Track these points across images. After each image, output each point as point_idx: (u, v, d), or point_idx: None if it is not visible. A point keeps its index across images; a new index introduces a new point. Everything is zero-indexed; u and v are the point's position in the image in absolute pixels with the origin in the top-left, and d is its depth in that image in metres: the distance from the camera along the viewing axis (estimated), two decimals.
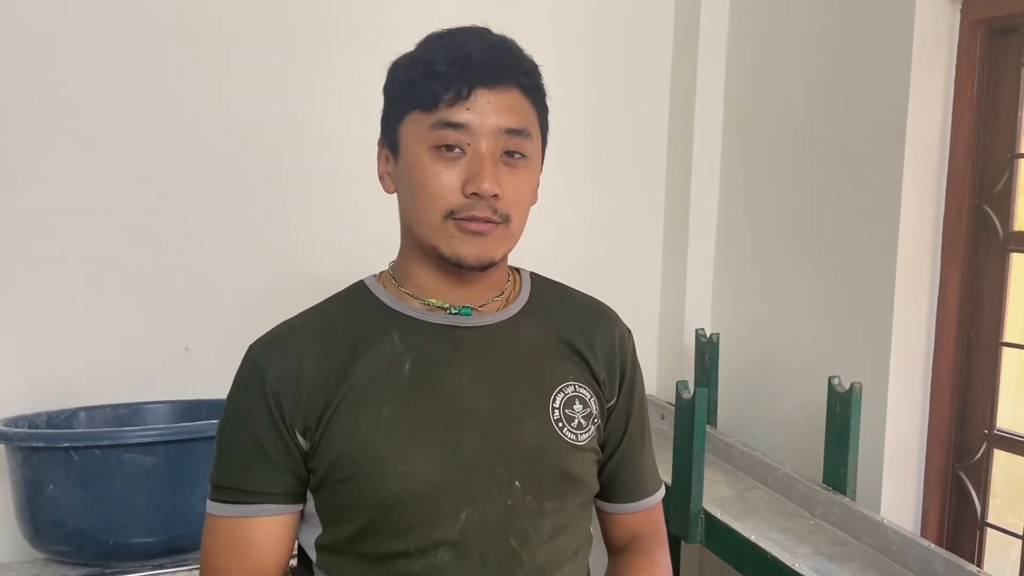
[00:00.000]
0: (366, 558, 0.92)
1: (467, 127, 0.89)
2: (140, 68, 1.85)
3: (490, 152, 0.90)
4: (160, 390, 1.85)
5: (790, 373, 2.07)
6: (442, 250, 0.91)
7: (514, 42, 0.95)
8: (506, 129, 0.90)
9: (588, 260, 2.33)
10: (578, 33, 2.27)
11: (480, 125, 0.89)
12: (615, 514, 1.09)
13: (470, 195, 0.89)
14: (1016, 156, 1.71)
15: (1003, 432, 1.75)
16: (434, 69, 0.88)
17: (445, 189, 0.89)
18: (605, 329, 1.05)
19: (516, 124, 0.91)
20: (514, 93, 0.92)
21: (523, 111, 0.93)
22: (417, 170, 0.90)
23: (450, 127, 0.88)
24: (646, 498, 1.09)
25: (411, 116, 0.91)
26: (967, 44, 1.75)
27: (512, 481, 0.92)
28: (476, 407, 0.93)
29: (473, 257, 0.91)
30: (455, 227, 0.90)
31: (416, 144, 0.90)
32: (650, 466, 1.10)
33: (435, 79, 0.88)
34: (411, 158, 0.91)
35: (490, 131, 0.89)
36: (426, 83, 0.88)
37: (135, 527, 1.49)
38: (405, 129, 0.92)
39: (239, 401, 0.94)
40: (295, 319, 0.98)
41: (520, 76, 0.92)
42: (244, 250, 1.96)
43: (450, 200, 0.89)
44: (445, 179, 0.89)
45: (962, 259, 1.78)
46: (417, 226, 0.93)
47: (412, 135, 0.91)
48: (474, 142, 0.89)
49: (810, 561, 1.53)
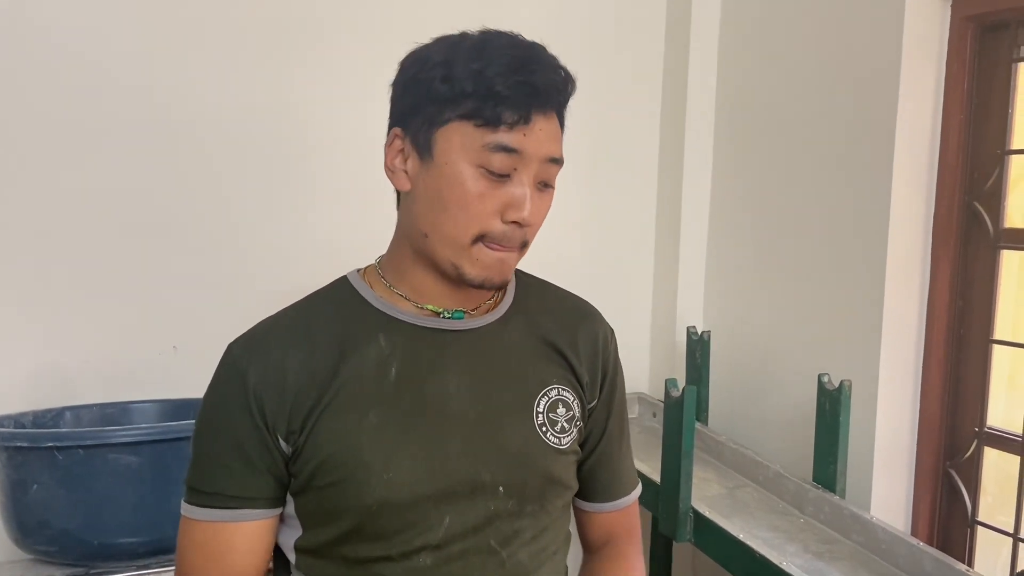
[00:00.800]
0: (347, 561, 0.91)
1: (521, 154, 0.86)
2: (132, 67, 1.84)
3: (532, 180, 0.88)
4: (148, 389, 1.83)
5: (781, 371, 2.07)
6: (464, 270, 0.89)
7: (558, 60, 0.91)
8: (550, 158, 0.89)
9: (581, 258, 2.32)
10: (570, 30, 2.26)
11: (533, 153, 0.87)
12: (592, 512, 1.08)
13: (510, 223, 0.87)
14: (1006, 153, 1.71)
15: (993, 430, 1.75)
16: (497, 89, 0.84)
17: (485, 212, 0.87)
18: (589, 330, 1.04)
19: (558, 153, 0.90)
20: (555, 119, 0.90)
21: (560, 137, 0.91)
22: (458, 185, 0.86)
23: (505, 151, 0.85)
24: (622, 497, 1.08)
25: (458, 125, 0.86)
26: (957, 40, 1.74)
27: (496, 487, 0.91)
28: (461, 412, 0.92)
29: (500, 280, 0.91)
30: (482, 250, 0.88)
31: (460, 157, 0.86)
32: (627, 465, 1.10)
33: (499, 101, 0.84)
34: (452, 170, 0.86)
35: (539, 159, 0.87)
36: (489, 102, 0.84)
37: (121, 527, 1.48)
38: (446, 135, 0.87)
39: (218, 403, 0.91)
40: (276, 317, 0.96)
41: (564, 102, 0.91)
42: (233, 248, 1.95)
43: (486, 224, 0.87)
44: (488, 202, 0.86)
45: (952, 256, 1.78)
46: (438, 239, 0.89)
47: (457, 146, 0.86)
48: (522, 168, 0.87)
49: (799, 560, 1.52)
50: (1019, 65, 1.70)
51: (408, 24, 0.99)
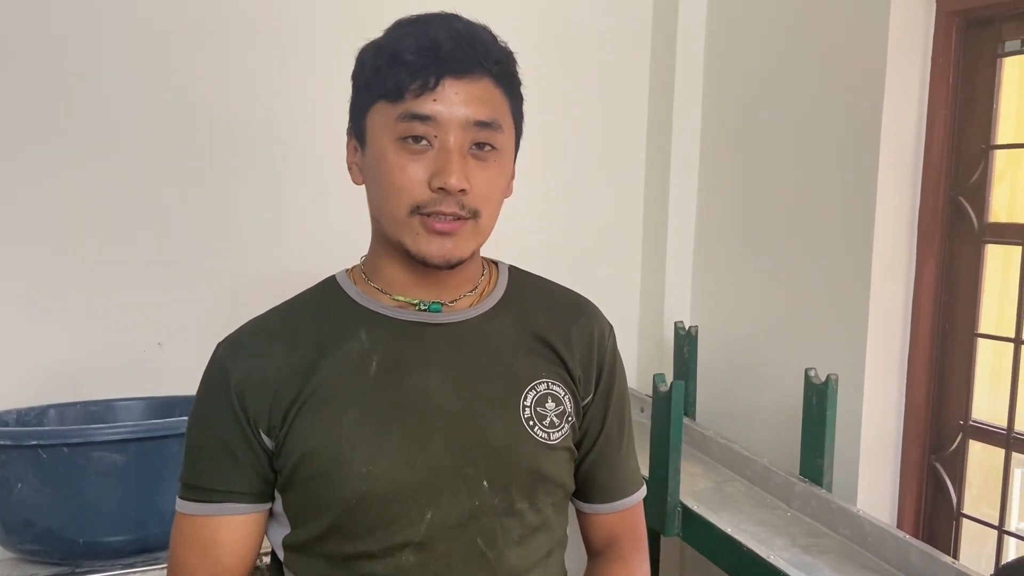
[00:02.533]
0: (331, 558, 0.90)
1: (434, 119, 0.85)
2: (121, 68, 1.82)
3: (458, 145, 0.86)
4: (134, 387, 1.82)
5: (768, 365, 2.08)
6: (407, 246, 0.89)
7: (486, 29, 0.91)
8: (475, 121, 0.86)
9: (568, 254, 2.32)
10: (558, 27, 2.26)
11: (448, 117, 0.85)
12: (592, 514, 1.06)
13: (436, 190, 0.86)
14: (991, 147, 1.72)
15: (978, 423, 1.76)
16: (401, 58, 0.84)
17: (411, 183, 0.86)
18: (583, 325, 1.02)
19: (486, 116, 0.87)
20: (484, 83, 0.88)
21: (494, 102, 0.89)
22: (383, 162, 0.87)
23: (416, 119, 0.85)
24: (623, 499, 1.06)
25: (377, 106, 0.87)
26: (942, 36, 1.75)
27: (480, 481, 0.90)
28: (444, 406, 0.91)
29: (439, 257, 0.88)
30: (420, 224, 0.87)
31: (382, 135, 0.87)
32: (629, 466, 1.07)
33: (401, 68, 0.84)
34: (377, 149, 0.88)
35: (458, 123, 0.85)
36: (392, 72, 0.85)
37: (106, 526, 1.47)
38: (371, 119, 0.89)
39: (205, 401, 0.93)
40: (263, 316, 0.96)
41: (491, 65, 0.88)
42: (218, 245, 1.94)
43: (416, 194, 0.86)
44: (411, 172, 0.86)
45: (937, 251, 1.79)
46: (384, 220, 0.90)
47: (378, 126, 0.88)
48: (441, 134, 0.85)
49: (786, 553, 1.53)
50: (1003, 60, 1.71)
51: (397, 15, 0.98)
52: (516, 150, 0.98)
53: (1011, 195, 1.75)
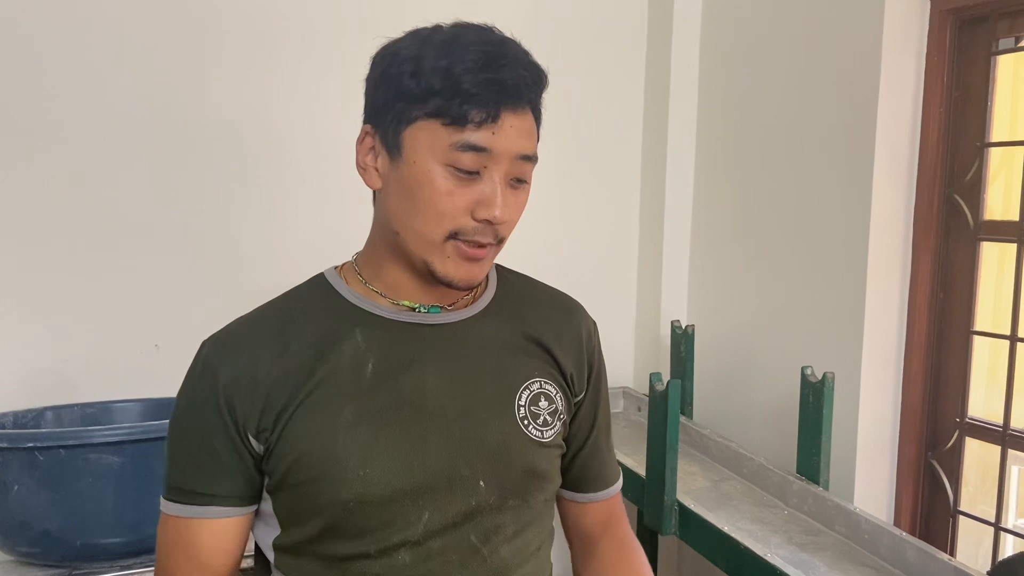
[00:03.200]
0: (325, 559, 0.90)
1: (490, 152, 0.85)
2: (115, 73, 1.82)
3: (503, 177, 0.86)
4: (131, 388, 1.82)
5: (765, 364, 2.08)
6: (434, 268, 0.89)
7: (533, 57, 0.90)
8: (522, 155, 0.87)
9: (566, 255, 2.33)
10: (553, 28, 2.26)
11: (502, 151, 0.85)
12: (586, 503, 1.09)
13: (481, 220, 0.86)
14: (986, 145, 1.72)
15: (974, 420, 1.77)
16: (464, 87, 0.82)
17: (456, 210, 0.85)
18: (573, 324, 1.04)
19: (531, 150, 0.88)
20: (528, 115, 0.88)
21: (534, 134, 0.90)
22: (427, 184, 0.85)
23: (474, 150, 0.84)
24: (613, 485, 1.11)
25: (425, 124, 0.85)
26: (937, 34, 1.75)
27: (476, 481, 0.91)
28: (440, 407, 0.91)
29: (466, 281, 0.90)
30: (454, 249, 0.87)
31: (429, 156, 0.85)
32: (613, 455, 1.13)
33: (466, 99, 0.83)
34: (421, 169, 0.85)
35: (510, 157, 0.86)
36: (455, 100, 0.83)
37: (103, 527, 1.47)
38: (415, 134, 0.86)
39: (189, 401, 0.91)
40: (252, 315, 0.95)
41: (537, 98, 0.90)
42: (215, 247, 1.94)
43: (458, 222, 0.86)
44: (458, 200, 0.85)
45: (933, 249, 1.79)
46: (410, 237, 0.89)
47: (425, 145, 0.85)
48: (492, 167, 0.85)
49: (783, 551, 1.53)
50: (998, 58, 1.71)
51: (389, 22, 0.98)
52: None
53: (1006, 192, 1.75)
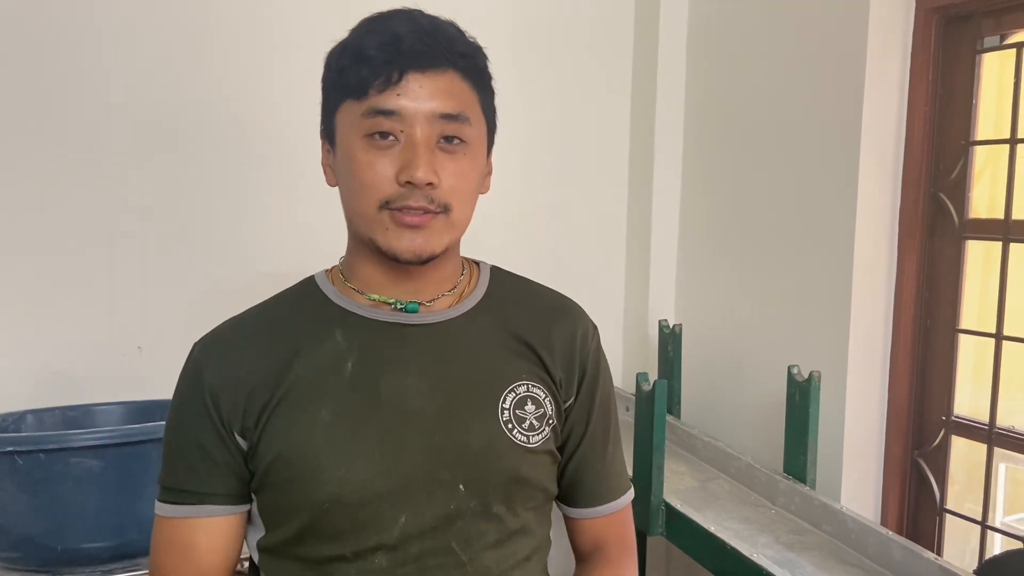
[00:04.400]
0: (303, 561, 0.90)
1: (399, 113, 0.85)
2: (102, 72, 1.81)
3: (425, 139, 0.85)
4: (113, 391, 1.80)
5: (752, 363, 2.08)
6: (378, 242, 0.88)
7: (452, 24, 0.90)
8: (441, 114, 0.86)
9: (553, 254, 2.33)
10: (540, 27, 2.25)
11: (413, 111, 0.85)
12: (578, 519, 1.04)
13: (404, 184, 0.85)
14: (970, 144, 1.72)
15: (960, 419, 1.77)
16: (363, 54, 0.85)
17: (379, 178, 0.85)
18: (565, 326, 1.00)
19: (452, 109, 0.86)
20: (450, 76, 0.87)
21: (460, 95, 0.88)
22: (351, 161, 0.87)
23: (381, 114, 0.85)
24: (608, 503, 1.04)
25: (344, 105, 0.88)
26: (922, 32, 1.75)
27: (456, 485, 0.89)
28: (420, 408, 0.90)
29: (409, 252, 0.87)
30: (390, 218, 0.86)
31: (349, 133, 0.87)
32: (616, 470, 1.05)
33: (364, 65, 0.84)
34: (346, 148, 0.88)
35: (424, 117, 0.85)
36: (355, 70, 0.85)
37: (84, 532, 1.45)
38: (340, 119, 0.89)
39: (180, 402, 0.92)
40: (240, 316, 0.96)
41: (456, 58, 0.88)
42: (198, 248, 1.92)
43: (384, 190, 0.85)
44: (379, 168, 0.85)
45: (918, 247, 1.79)
46: (355, 218, 0.90)
47: (346, 124, 0.88)
48: (407, 129, 0.85)
49: (770, 551, 1.53)
50: (982, 56, 1.71)
51: None
52: (490, 145, 0.96)
53: (991, 191, 1.75)
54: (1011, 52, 1.66)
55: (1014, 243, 1.65)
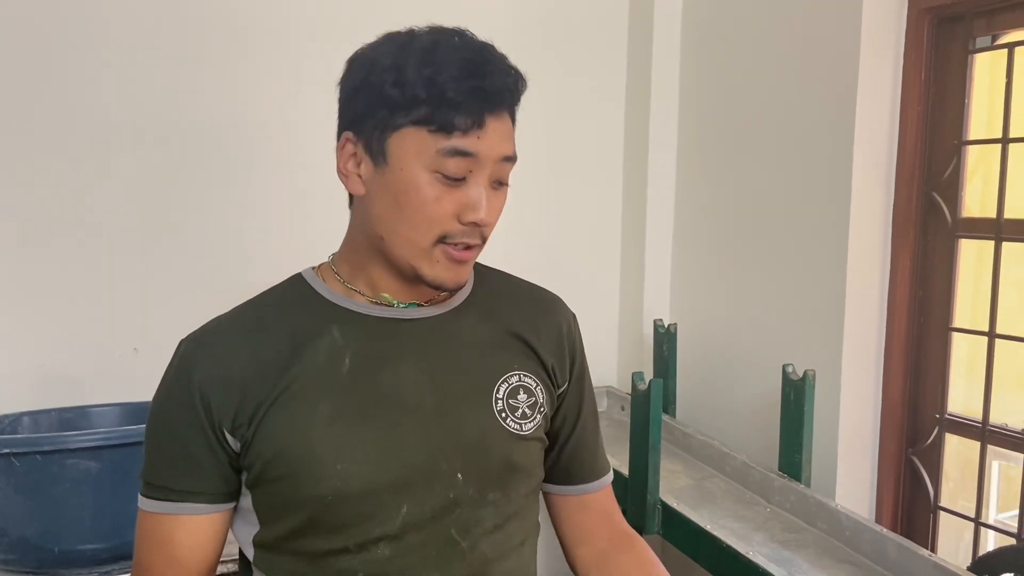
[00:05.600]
0: (304, 555, 0.90)
1: (476, 157, 0.87)
2: (98, 74, 1.81)
3: (487, 180, 0.89)
4: (110, 392, 1.80)
5: (747, 362, 2.09)
6: (422, 272, 0.90)
7: (508, 59, 0.91)
8: (504, 157, 0.89)
9: (549, 254, 2.33)
10: (535, 28, 2.26)
11: (487, 155, 0.87)
12: (581, 495, 1.08)
13: (468, 223, 0.88)
14: (963, 143, 1.73)
15: (954, 416, 1.78)
16: (449, 96, 0.84)
17: (443, 216, 0.87)
18: (552, 316, 1.05)
19: (512, 151, 0.91)
20: (507, 118, 0.90)
21: (512, 135, 0.92)
22: (415, 192, 0.87)
23: (461, 155, 0.86)
24: (605, 475, 1.10)
25: (410, 131, 0.86)
26: (914, 32, 1.76)
27: (454, 474, 0.91)
28: (417, 401, 0.92)
29: (454, 283, 0.92)
30: (443, 253, 0.89)
31: (415, 163, 0.86)
32: (602, 447, 1.12)
33: (452, 107, 0.84)
34: (408, 176, 0.87)
35: (493, 160, 0.88)
36: (441, 109, 0.84)
37: (81, 533, 1.45)
38: (400, 142, 0.87)
39: (165, 398, 0.92)
40: (229, 313, 0.96)
41: (514, 99, 0.91)
42: (194, 249, 1.93)
43: (445, 227, 0.88)
44: (446, 205, 0.87)
45: (912, 246, 1.80)
46: (397, 242, 0.90)
47: (411, 152, 0.86)
48: (477, 170, 0.87)
49: (765, 549, 1.54)
50: (974, 56, 1.72)
51: (371, 25, 0.98)
52: None
53: (983, 190, 1.76)
54: (1003, 52, 1.68)
55: (1006, 242, 1.67)
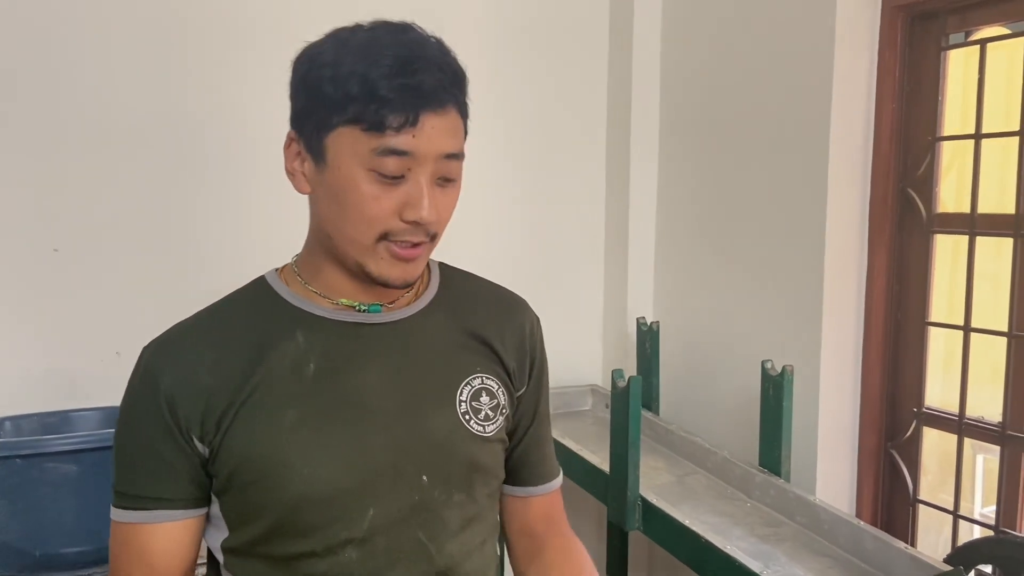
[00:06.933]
0: (272, 559, 0.90)
1: (412, 155, 0.85)
2: (64, 77, 1.81)
3: (428, 178, 0.87)
4: (92, 396, 1.81)
5: (728, 359, 2.10)
6: (369, 270, 0.89)
7: (451, 54, 0.90)
8: (446, 154, 0.87)
9: (534, 254, 2.35)
10: (516, 29, 2.27)
11: (425, 152, 0.85)
12: (527, 497, 1.09)
13: (409, 222, 0.87)
14: (937, 139, 1.75)
15: (931, 410, 1.79)
16: (380, 94, 0.82)
17: (383, 214, 0.86)
18: (515, 319, 1.05)
19: (455, 148, 0.88)
20: (452, 114, 0.88)
21: (458, 132, 0.90)
22: (352, 190, 0.86)
23: (394, 154, 0.84)
24: (554, 479, 1.11)
25: (346, 130, 0.85)
26: (888, 30, 1.78)
27: (419, 476, 0.92)
28: (382, 404, 0.92)
29: (401, 280, 0.91)
30: (386, 250, 0.88)
31: (351, 162, 0.85)
32: (553, 450, 1.13)
33: (383, 104, 0.83)
34: (344, 174, 0.86)
35: (432, 157, 0.86)
36: (372, 106, 0.83)
37: (62, 537, 1.46)
38: (337, 141, 0.86)
39: (133, 407, 0.91)
40: (191, 319, 0.95)
41: (458, 94, 0.89)
42: (176, 253, 1.93)
43: (387, 225, 0.87)
44: (384, 204, 0.86)
45: (888, 242, 1.82)
46: (342, 240, 0.90)
47: (347, 151, 0.85)
48: (415, 167, 0.86)
49: (744, 543, 1.55)
50: (948, 53, 1.74)
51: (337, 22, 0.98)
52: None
53: (957, 185, 1.78)
54: (975, 48, 1.69)
55: (980, 236, 1.68)
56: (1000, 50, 1.68)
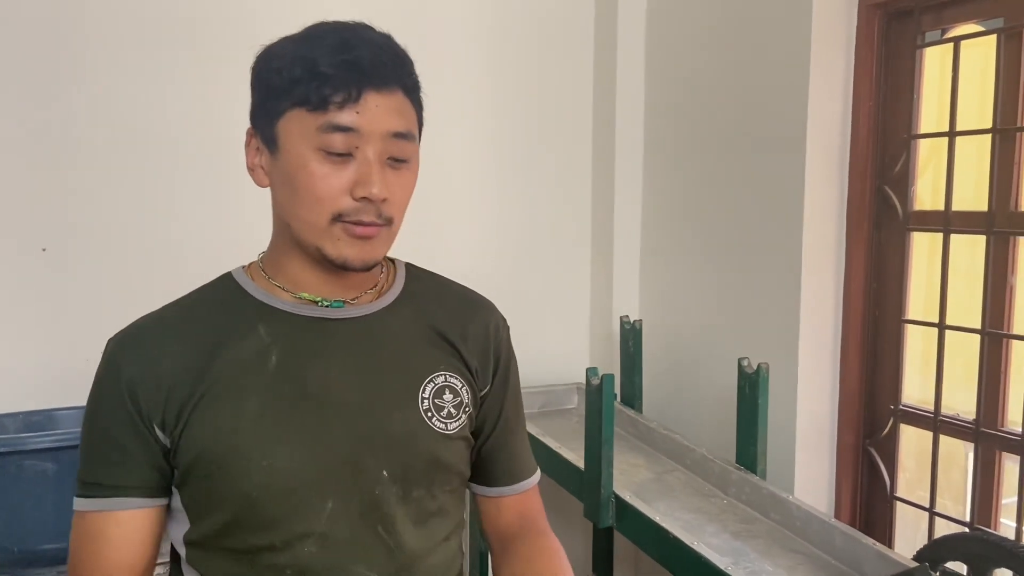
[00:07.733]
0: (233, 552, 0.92)
1: (356, 131, 0.87)
2: (31, 82, 1.83)
3: (377, 156, 0.89)
4: (77, 395, 1.82)
5: (709, 357, 2.11)
6: (327, 252, 0.91)
7: (395, 41, 0.93)
8: (393, 133, 0.89)
9: (519, 253, 2.37)
10: (502, 28, 2.29)
11: (370, 129, 0.87)
12: (497, 498, 1.10)
13: (360, 199, 0.89)
14: (913, 137, 1.75)
15: (908, 407, 1.80)
16: (321, 70, 0.86)
17: (333, 192, 0.88)
18: (479, 319, 1.06)
19: (403, 128, 0.90)
20: (399, 95, 0.90)
21: (407, 113, 0.92)
22: (301, 171, 0.88)
23: (339, 130, 0.87)
24: (525, 480, 1.11)
25: (293, 114, 0.88)
26: (865, 28, 1.78)
27: (380, 471, 0.93)
28: (344, 399, 0.93)
29: (359, 260, 0.92)
30: (342, 230, 0.90)
31: (300, 144, 0.88)
32: (526, 450, 1.12)
33: (324, 81, 0.86)
34: (294, 158, 0.89)
35: (379, 135, 0.88)
36: (313, 84, 0.86)
37: (41, 533, 1.48)
38: (286, 126, 0.89)
39: (96, 398, 0.93)
40: (156, 312, 0.97)
41: (405, 77, 0.92)
42: (163, 252, 1.95)
43: (338, 203, 0.88)
44: (333, 182, 0.88)
45: (865, 239, 1.82)
46: (299, 225, 0.92)
47: (296, 134, 0.88)
48: (363, 146, 0.88)
49: (717, 539, 1.56)
50: (923, 51, 1.74)
51: None
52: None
53: (933, 183, 1.78)
54: (950, 46, 1.69)
55: (954, 234, 1.68)
56: (974, 48, 1.69)
